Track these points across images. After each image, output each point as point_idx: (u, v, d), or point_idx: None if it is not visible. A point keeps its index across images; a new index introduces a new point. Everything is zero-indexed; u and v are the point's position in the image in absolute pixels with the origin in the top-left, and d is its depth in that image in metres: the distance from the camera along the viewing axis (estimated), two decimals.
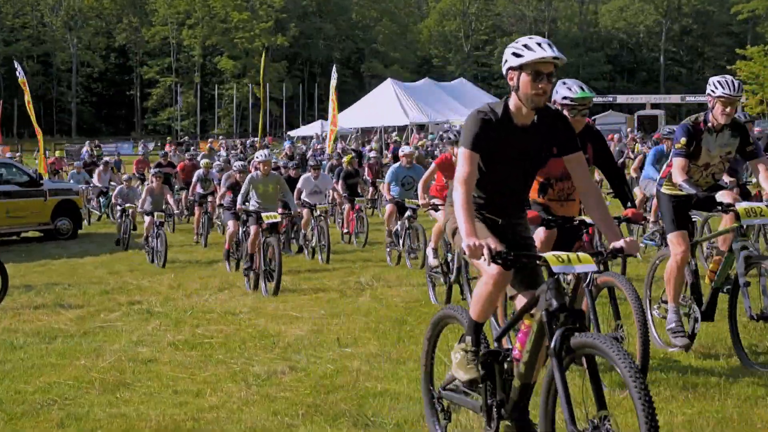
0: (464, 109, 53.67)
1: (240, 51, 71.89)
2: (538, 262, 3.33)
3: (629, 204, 5.40)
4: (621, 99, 70.64)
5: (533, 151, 3.72)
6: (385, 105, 49.30)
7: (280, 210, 10.83)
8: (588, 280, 4.56)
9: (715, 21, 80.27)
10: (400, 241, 11.00)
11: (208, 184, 16.48)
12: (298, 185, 12.91)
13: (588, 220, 5.21)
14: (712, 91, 5.45)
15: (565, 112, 5.09)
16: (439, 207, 8.36)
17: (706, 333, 6.06)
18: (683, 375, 5.17)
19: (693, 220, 7.14)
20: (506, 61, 3.56)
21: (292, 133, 53.14)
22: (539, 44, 3.48)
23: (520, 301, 3.69)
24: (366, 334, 6.88)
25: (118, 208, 15.89)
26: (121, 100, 75.47)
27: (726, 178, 8.18)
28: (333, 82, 28.10)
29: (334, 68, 29.65)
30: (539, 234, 5.20)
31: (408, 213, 10.68)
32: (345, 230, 14.45)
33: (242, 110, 69.50)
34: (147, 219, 13.86)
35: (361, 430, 4.51)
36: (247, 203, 10.37)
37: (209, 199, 16.00)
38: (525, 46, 3.51)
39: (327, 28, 76.68)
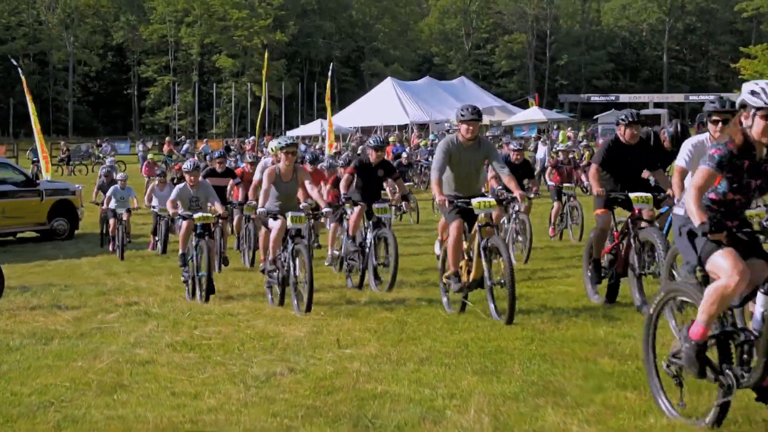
0: None
1: (239, 49, 71.79)
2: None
3: None
4: (624, 98, 70.70)
5: None
6: (385, 104, 49.35)
7: None
8: None
9: (718, 19, 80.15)
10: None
11: None
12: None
13: None
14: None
15: None
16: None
17: None
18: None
19: None
20: None
21: (291, 132, 53.11)
22: None
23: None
24: (366, 335, 6.82)
25: (180, 222, 10.00)
26: (118, 99, 75.28)
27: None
28: (329, 83, 28.36)
29: (331, 67, 29.74)
30: None
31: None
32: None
33: (241, 109, 69.42)
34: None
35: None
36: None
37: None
38: None
39: (327, 26, 76.59)
